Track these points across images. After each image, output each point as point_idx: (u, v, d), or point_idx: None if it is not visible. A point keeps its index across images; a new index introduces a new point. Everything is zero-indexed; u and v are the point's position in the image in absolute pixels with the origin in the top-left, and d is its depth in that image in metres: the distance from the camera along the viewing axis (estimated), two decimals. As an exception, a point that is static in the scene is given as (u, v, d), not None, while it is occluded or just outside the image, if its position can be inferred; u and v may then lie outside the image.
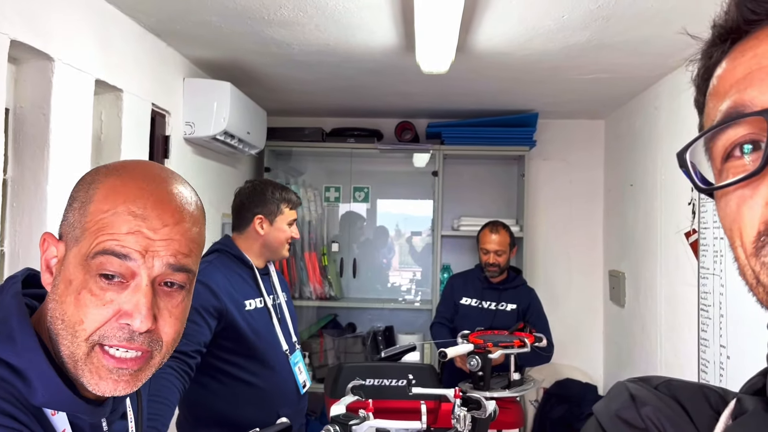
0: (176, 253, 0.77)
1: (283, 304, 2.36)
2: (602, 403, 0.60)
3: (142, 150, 2.55)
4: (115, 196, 0.75)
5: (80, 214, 0.76)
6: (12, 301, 0.76)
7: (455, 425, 1.87)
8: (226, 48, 2.84)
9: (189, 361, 1.93)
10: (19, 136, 1.94)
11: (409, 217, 4.72)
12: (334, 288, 4.27)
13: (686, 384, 0.57)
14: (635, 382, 0.59)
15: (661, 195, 3.20)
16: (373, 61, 2.98)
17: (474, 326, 3.22)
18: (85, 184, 0.78)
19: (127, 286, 0.75)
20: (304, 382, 2.33)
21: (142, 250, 0.74)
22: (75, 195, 0.78)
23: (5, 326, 0.74)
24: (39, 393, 0.73)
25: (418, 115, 4.35)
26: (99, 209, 0.75)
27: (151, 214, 0.75)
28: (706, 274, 2.61)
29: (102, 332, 0.74)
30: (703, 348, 2.64)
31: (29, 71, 1.94)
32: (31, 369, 0.72)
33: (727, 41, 0.51)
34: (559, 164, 4.44)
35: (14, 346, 0.73)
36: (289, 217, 2.30)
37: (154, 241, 0.75)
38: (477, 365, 2.62)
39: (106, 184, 0.77)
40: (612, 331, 4.15)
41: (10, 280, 0.80)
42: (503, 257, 3.29)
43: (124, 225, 0.74)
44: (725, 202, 0.49)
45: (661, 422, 0.54)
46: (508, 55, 2.83)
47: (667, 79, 3.13)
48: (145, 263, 0.74)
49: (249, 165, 4.23)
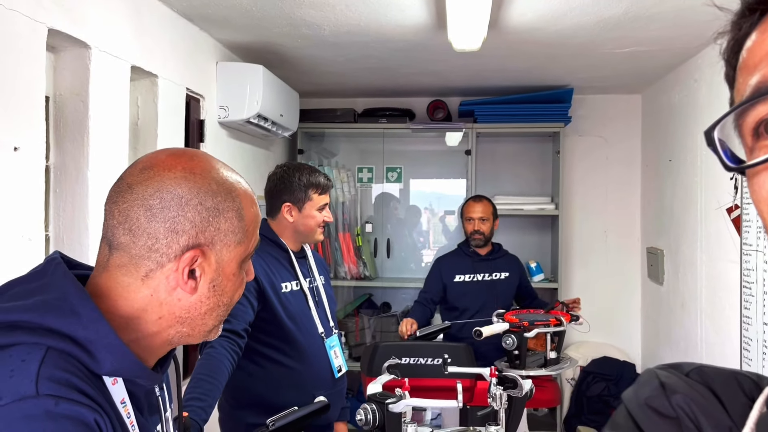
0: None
1: (320, 287, 2.35)
2: (631, 390, 0.58)
3: (177, 135, 2.59)
4: (251, 199, 0.93)
5: (239, 220, 0.89)
6: (65, 279, 0.79)
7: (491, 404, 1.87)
8: (257, 31, 2.85)
9: (239, 341, 1.97)
10: (59, 123, 1.98)
11: (443, 197, 4.70)
12: (368, 268, 4.29)
13: (718, 370, 0.56)
14: (665, 369, 0.57)
15: (702, 170, 3.12)
16: (404, 40, 2.95)
17: (475, 301, 3.28)
18: (221, 194, 0.88)
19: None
20: (340, 367, 2.31)
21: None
22: (219, 206, 0.87)
23: (65, 302, 0.77)
24: (106, 362, 0.76)
25: (450, 94, 4.31)
26: (249, 212, 0.91)
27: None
28: (749, 250, 2.54)
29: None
30: (745, 326, 2.59)
31: (67, 59, 1.98)
32: (99, 339, 0.76)
33: (757, 12, 0.49)
34: (595, 140, 4.36)
35: (80, 320, 0.76)
36: (318, 202, 2.25)
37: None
38: (512, 344, 2.61)
39: (240, 191, 0.90)
40: (650, 309, 4.10)
41: (51, 263, 0.82)
42: (487, 224, 3.38)
43: (258, 220, 0.94)
44: (757, 180, 0.47)
45: (693, 411, 0.52)
46: (542, 30, 2.78)
47: (708, 50, 3.04)
48: None
49: (282, 147, 4.26)
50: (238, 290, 0.91)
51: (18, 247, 1.67)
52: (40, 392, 0.68)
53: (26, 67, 1.70)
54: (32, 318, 0.74)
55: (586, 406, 3.92)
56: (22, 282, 0.81)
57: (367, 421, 1.68)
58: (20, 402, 0.67)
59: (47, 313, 0.75)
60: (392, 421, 1.69)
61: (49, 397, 0.68)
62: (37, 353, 0.72)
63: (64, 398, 0.69)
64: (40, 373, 0.70)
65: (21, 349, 0.72)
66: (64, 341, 0.74)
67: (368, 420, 1.68)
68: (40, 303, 0.76)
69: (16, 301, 0.76)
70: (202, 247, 0.84)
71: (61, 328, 0.75)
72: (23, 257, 1.68)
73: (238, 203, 0.88)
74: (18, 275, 0.82)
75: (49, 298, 0.77)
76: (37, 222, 1.75)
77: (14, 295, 0.78)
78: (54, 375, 0.70)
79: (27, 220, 1.71)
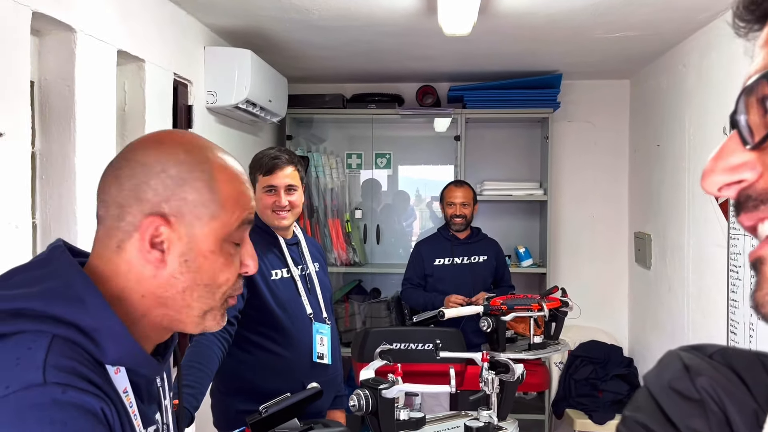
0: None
1: (313, 274, 2.30)
2: (653, 372, 0.57)
3: (165, 120, 2.56)
4: (231, 172, 0.87)
5: (209, 192, 0.84)
6: (70, 267, 0.79)
7: (483, 388, 1.89)
8: (245, 15, 2.81)
9: (229, 329, 1.96)
10: (45, 108, 1.95)
11: (431, 183, 4.69)
12: (358, 254, 4.29)
13: (742, 352, 0.55)
14: (688, 350, 0.56)
15: (690, 155, 3.14)
16: (394, 24, 2.93)
17: (453, 284, 3.34)
18: (190, 163, 0.84)
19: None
20: (321, 354, 2.23)
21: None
22: (185, 175, 0.83)
23: (71, 290, 0.76)
24: (111, 350, 0.76)
25: (440, 79, 4.29)
26: (225, 185, 0.86)
27: (246, 178, 0.91)
28: (737, 234, 2.57)
29: (232, 288, 0.88)
30: (732, 309, 2.62)
31: (52, 43, 1.94)
32: (104, 328, 0.76)
33: None
34: (584, 126, 4.37)
35: (85, 308, 0.75)
36: (263, 183, 2.15)
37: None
38: (487, 327, 2.65)
39: (216, 161, 0.86)
40: (637, 293, 4.13)
41: (56, 250, 0.82)
42: (468, 209, 3.45)
43: (247, 193, 0.89)
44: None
45: (717, 393, 0.51)
46: (533, 15, 2.76)
47: (697, 35, 3.04)
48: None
49: (271, 133, 4.23)
50: (224, 273, 0.85)
51: (5, 235, 1.64)
52: (48, 380, 0.68)
53: (10, 50, 1.67)
54: (38, 306, 0.73)
55: (574, 390, 3.96)
56: (26, 269, 0.80)
57: (360, 406, 1.69)
58: (27, 390, 0.67)
59: (53, 301, 0.74)
60: (385, 406, 1.69)
61: (56, 386, 0.68)
62: (42, 341, 0.71)
63: (71, 386, 0.69)
64: (47, 360, 0.69)
65: (26, 337, 0.71)
66: (69, 329, 0.74)
67: (361, 406, 1.69)
68: (46, 290, 0.75)
69: (20, 288, 0.75)
70: (167, 217, 0.81)
71: (67, 316, 0.74)
72: (10, 245, 1.65)
73: (208, 175, 0.84)
74: (5, 262, 0.81)
75: (54, 286, 0.76)
76: (24, 209, 1.72)
77: (18, 282, 0.76)
78: (60, 363, 0.70)
79: (13, 207, 1.68)
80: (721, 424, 0.51)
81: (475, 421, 1.87)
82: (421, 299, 3.40)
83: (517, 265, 4.25)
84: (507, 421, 1.96)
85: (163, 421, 0.91)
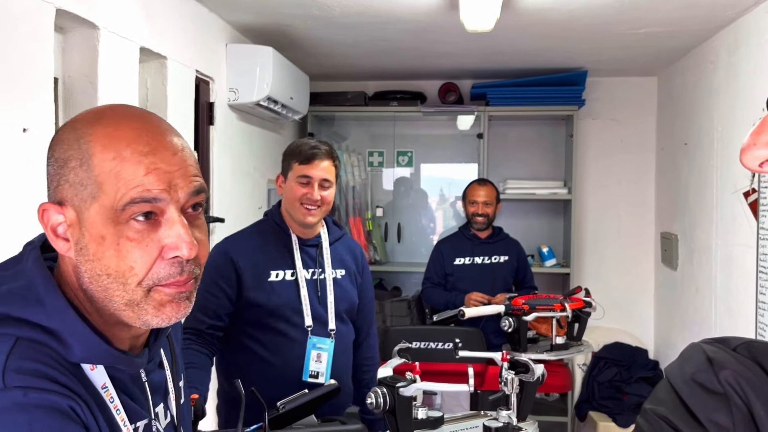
0: (193, 176, 0.79)
1: (329, 280, 2.05)
2: (675, 365, 0.55)
3: (187, 117, 2.58)
4: (116, 143, 0.76)
5: (85, 171, 0.75)
6: (34, 266, 0.78)
7: (503, 388, 1.86)
8: (267, 12, 2.82)
9: (207, 338, 1.88)
10: (68, 105, 1.97)
11: (454, 181, 4.66)
12: (379, 252, 4.28)
13: (767, 345, 0.53)
14: (711, 343, 0.54)
15: (718, 153, 3.07)
16: (416, 21, 2.91)
17: (473, 284, 3.30)
18: (69, 141, 0.77)
19: (159, 222, 0.76)
20: (317, 373, 1.96)
21: (166, 186, 0.76)
22: (63, 156, 0.77)
23: (32, 291, 0.75)
24: (75, 349, 0.74)
25: (462, 76, 4.26)
26: (104, 159, 0.75)
27: (157, 148, 0.77)
28: (767, 234, 2.50)
29: (154, 275, 0.76)
30: (761, 312, 2.56)
31: (76, 40, 1.97)
32: (64, 328, 0.74)
33: None
34: (609, 123, 4.30)
35: (44, 309, 0.74)
36: (297, 172, 1.97)
37: (173, 172, 0.77)
38: (508, 327, 2.62)
39: (98, 133, 0.76)
40: (664, 295, 4.06)
41: (28, 246, 0.82)
42: (490, 208, 3.42)
43: (139, 167, 0.75)
44: None
45: (741, 387, 0.50)
46: (556, 11, 2.73)
47: (725, 32, 2.98)
48: (171, 197, 0.76)
49: (292, 131, 4.24)
50: (125, 260, 0.74)
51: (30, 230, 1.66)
52: (8, 384, 0.67)
53: (34, 47, 1.69)
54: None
55: (598, 392, 3.91)
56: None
57: (377, 404, 1.67)
58: None
59: (13, 303, 0.74)
60: (403, 404, 1.68)
61: (17, 389, 0.67)
62: (4, 345, 0.70)
63: (32, 388, 0.68)
64: (7, 365, 0.68)
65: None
66: (34, 330, 0.73)
67: (379, 403, 1.67)
68: (6, 292, 0.75)
69: None
70: (61, 203, 0.78)
71: (29, 318, 0.73)
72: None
73: (83, 150, 0.75)
74: None
75: (14, 287, 0.75)
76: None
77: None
78: (22, 366, 0.69)
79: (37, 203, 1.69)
80: (745, 419, 0.49)
81: (494, 421, 1.85)
82: (442, 298, 3.37)
83: (540, 264, 4.21)
84: (527, 422, 1.93)
85: (167, 414, 0.90)
